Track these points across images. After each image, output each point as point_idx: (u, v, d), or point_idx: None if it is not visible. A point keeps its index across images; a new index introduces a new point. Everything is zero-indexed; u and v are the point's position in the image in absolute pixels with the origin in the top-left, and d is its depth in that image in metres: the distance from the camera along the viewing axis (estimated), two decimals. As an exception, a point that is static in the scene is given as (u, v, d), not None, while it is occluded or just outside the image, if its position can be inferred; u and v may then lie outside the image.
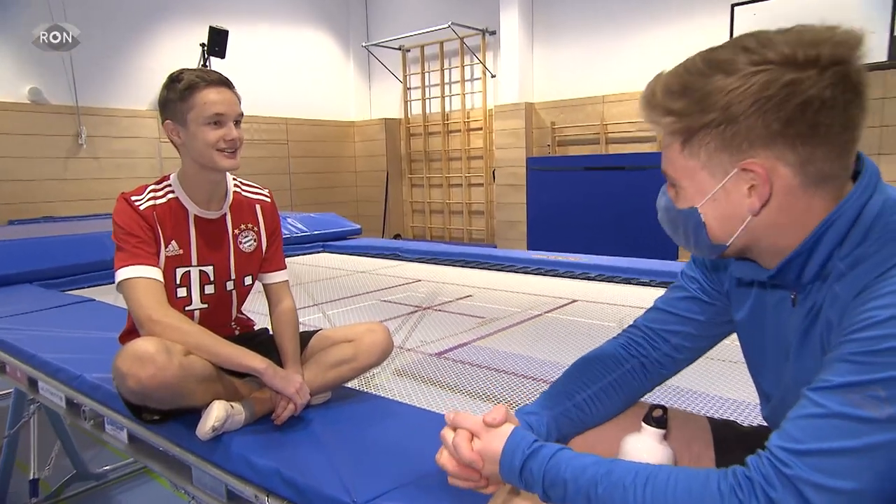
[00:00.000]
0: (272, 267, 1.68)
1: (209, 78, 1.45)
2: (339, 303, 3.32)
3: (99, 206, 6.69)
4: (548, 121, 7.39)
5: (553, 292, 3.43)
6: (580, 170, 6.71)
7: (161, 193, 1.51)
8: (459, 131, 8.45)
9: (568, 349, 2.37)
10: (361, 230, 5.90)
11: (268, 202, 1.69)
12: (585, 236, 6.64)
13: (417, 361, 2.26)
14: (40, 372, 2.02)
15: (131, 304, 1.40)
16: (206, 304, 1.57)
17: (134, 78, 6.98)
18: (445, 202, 8.74)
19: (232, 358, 1.38)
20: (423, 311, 3.08)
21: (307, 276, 4.19)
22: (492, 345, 2.45)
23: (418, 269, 4.39)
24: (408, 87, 9.02)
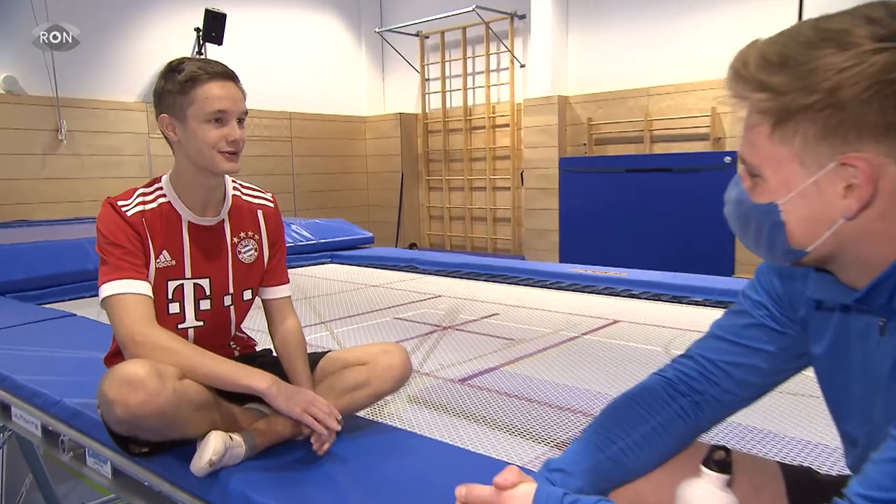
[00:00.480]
0: (274, 280, 1.68)
1: (213, 70, 1.46)
2: (348, 320, 3.33)
3: (80, 209, 6.80)
4: (584, 116, 7.38)
5: (591, 311, 3.41)
6: (621, 172, 6.68)
7: (151, 197, 1.52)
8: (483, 128, 8.46)
9: (609, 376, 2.34)
10: (374, 239, 5.92)
11: (271, 207, 1.69)
12: (626, 248, 6.59)
13: (436, 387, 2.25)
14: (13, 396, 2.04)
15: (114, 322, 1.41)
16: (201, 322, 1.58)
17: (121, 66, 7.11)
18: (467, 208, 8.74)
19: (231, 377, 1.37)
20: (443, 330, 3.09)
21: (313, 289, 4.21)
22: (521, 370, 2.43)
23: (437, 284, 4.40)
24: (426, 79, 9.07)
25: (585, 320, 3.23)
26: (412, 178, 9.32)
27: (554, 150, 7.38)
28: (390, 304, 3.72)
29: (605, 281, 3.98)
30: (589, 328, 3.07)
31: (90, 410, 1.72)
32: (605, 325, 3.13)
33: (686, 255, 6.13)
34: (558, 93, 7.41)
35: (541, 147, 7.51)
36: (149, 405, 1.25)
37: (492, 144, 8.41)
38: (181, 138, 1.48)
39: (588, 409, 2.03)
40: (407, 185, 9.23)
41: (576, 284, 4.06)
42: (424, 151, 9.18)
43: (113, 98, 7.04)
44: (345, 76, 9.27)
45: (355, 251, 5.55)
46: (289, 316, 1.68)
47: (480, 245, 8.71)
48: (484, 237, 8.62)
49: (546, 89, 7.45)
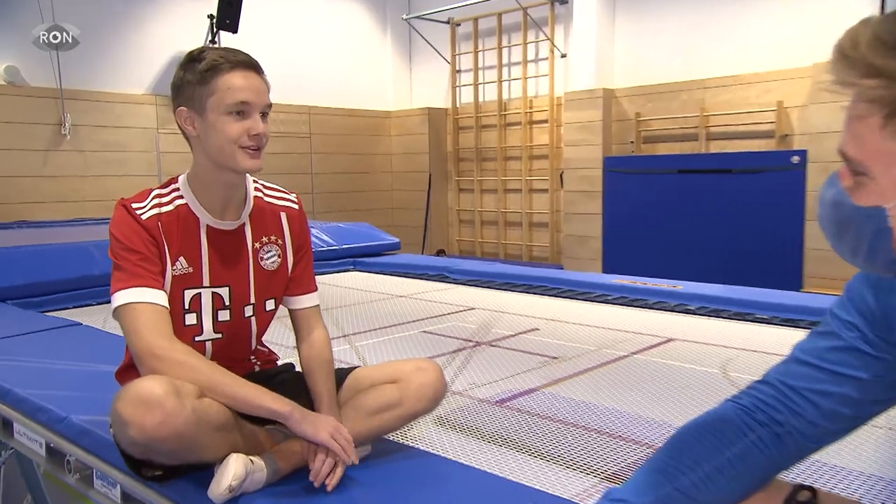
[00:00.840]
0: (301, 289, 1.70)
1: (235, 59, 1.48)
2: (372, 334, 3.34)
3: (83, 210, 6.95)
4: (631, 111, 7.33)
5: (641, 328, 3.37)
6: (673, 173, 6.62)
7: (167, 199, 1.55)
8: (520, 124, 8.46)
9: (662, 401, 2.31)
10: (400, 245, 5.94)
11: (295, 210, 1.71)
12: (678, 258, 6.52)
13: (466, 408, 2.25)
14: (16, 411, 2.08)
15: (129, 334, 1.43)
16: (219, 334, 1.59)
17: (129, 56, 7.27)
18: (500, 211, 8.73)
19: (251, 400, 1.39)
20: (475, 346, 3.08)
21: (334, 299, 4.23)
22: (564, 392, 2.41)
23: (469, 294, 4.39)
24: (457, 70, 9.10)
25: (635, 338, 3.19)
26: (441, 179, 9.33)
27: (597, 149, 7.34)
28: (418, 317, 3.72)
29: (656, 294, 3.93)
30: (639, 346, 3.03)
31: (99, 428, 1.75)
32: (657, 343, 3.10)
33: (747, 267, 6.04)
34: (603, 85, 7.37)
35: (583, 145, 7.47)
36: (166, 426, 1.26)
37: (528, 142, 8.40)
38: (200, 133, 1.50)
39: (640, 438, 2.00)
40: (435, 186, 9.25)
41: (623, 298, 4.02)
42: (454, 150, 9.19)
43: (120, 90, 7.19)
44: (368, 67, 9.34)
45: (380, 258, 5.57)
46: (315, 327, 1.69)
47: (515, 252, 8.68)
48: (519, 244, 8.60)
49: (589, 81, 7.41)
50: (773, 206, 6.02)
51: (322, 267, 5.14)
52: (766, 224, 6.02)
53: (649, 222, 6.82)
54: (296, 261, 1.70)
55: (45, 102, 6.74)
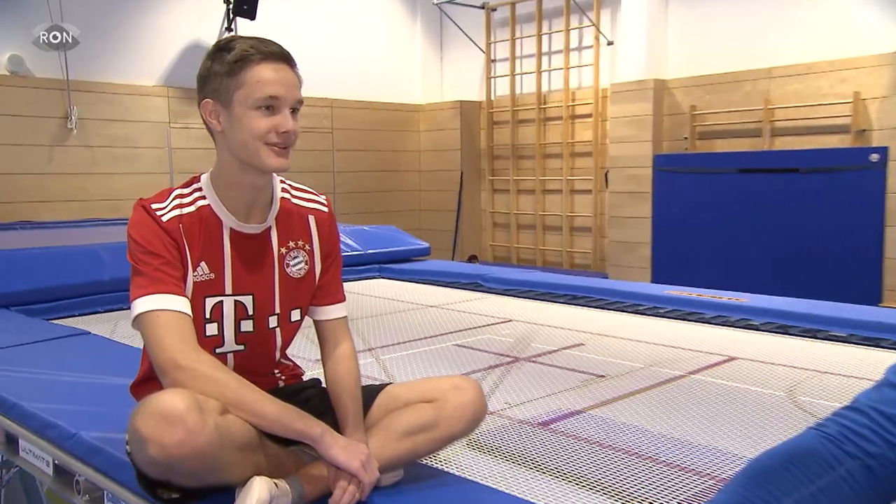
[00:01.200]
0: (328, 299, 1.71)
1: (267, 50, 1.50)
2: (398, 347, 3.35)
3: (90, 209, 7.08)
4: (686, 104, 7.27)
5: (698, 345, 3.34)
6: (732, 172, 6.54)
7: (189, 200, 1.57)
8: (560, 119, 8.44)
9: (724, 427, 2.28)
10: (430, 250, 5.96)
11: (324, 212, 1.73)
12: (738, 267, 6.44)
13: (504, 430, 2.24)
14: (22, 427, 2.11)
15: (152, 344, 1.45)
16: (241, 346, 1.61)
17: (139, 45, 7.40)
18: (538, 214, 8.71)
19: (280, 419, 1.41)
20: (513, 361, 3.08)
21: (358, 309, 4.26)
22: (613, 414, 2.40)
23: (506, 305, 4.39)
24: (492, 59, 9.10)
25: (691, 355, 3.16)
26: (473, 178, 9.34)
27: (647, 146, 7.29)
28: (449, 329, 3.73)
29: (715, 308, 3.89)
30: (696, 365, 3.00)
31: (111, 446, 1.77)
32: (716, 362, 3.06)
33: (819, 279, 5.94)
34: (654, 75, 7.32)
35: (631, 142, 7.42)
36: (188, 445, 1.28)
37: (570, 138, 8.37)
38: (225, 127, 1.53)
39: (699, 467, 1.97)
40: (467, 186, 9.25)
41: (677, 311, 3.99)
42: (489, 146, 9.19)
43: (130, 81, 7.33)
44: (396, 56, 9.39)
45: (408, 264, 5.59)
46: (343, 340, 1.70)
47: (554, 259, 8.65)
48: (558, 250, 8.57)
49: (639, 71, 7.37)
50: (848, 210, 5.92)
51: (345, 273, 5.14)
52: (839, 230, 5.92)
53: (705, 227, 6.75)
54: (324, 268, 1.71)
55: (50, 94, 6.89)
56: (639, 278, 7.12)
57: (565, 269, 8.30)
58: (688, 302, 4.03)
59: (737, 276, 6.22)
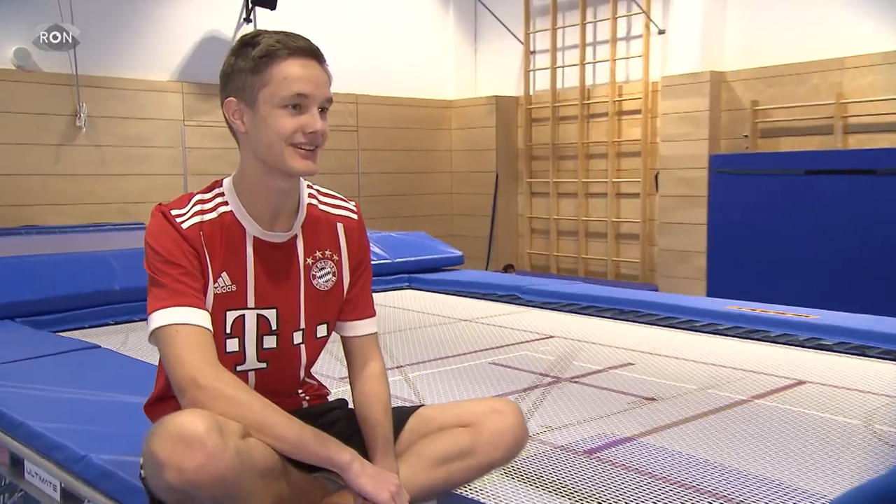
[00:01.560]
0: (357, 313, 1.73)
1: (294, 45, 1.52)
2: (428, 365, 3.36)
3: (100, 213, 7.21)
4: (746, 99, 7.19)
5: (762, 366, 3.30)
6: (799, 174, 6.46)
7: (210, 206, 1.59)
8: (606, 115, 8.40)
9: (792, 459, 2.24)
10: (463, 259, 5.96)
11: (354, 220, 1.74)
12: (806, 279, 6.34)
13: (544, 458, 2.24)
14: (28, 448, 2.15)
15: (170, 361, 1.47)
16: (264, 364, 1.63)
17: (152, 37, 7.52)
18: (581, 220, 8.67)
19: (306, 445, 1.42)
20: (553, 382, 3.07)
21: (386, 323, 4.27)
22: (666, 442, 2.37)
23: (546, 320, 4.38)
24: (531, 51, 9.10)
25: (753, 378, 3.12)
26: (510, 181, 9.33)
27: (703, 145, 7.24)
28: (484, 345, 3.72)
29: (781, 325, 3.84)
30: (760, 389, 2.96)
31: (123, 470, 1.80)
32: (783, 386, 3.02)
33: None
34: (711, 67, 7.27)
35: (684, 140, 7.37)
36: (207, 470, 1.29)
37: (616, 137, 8.33)
38: (249, 128, 1.55)
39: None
40: (503, 188, 9.25)
41: (737, 328, 3.94)
42: (527, 146, 9.18)
43: (142, 76, 7.45)
44: (426, 48, 9.43)
45: (439, 274, 5.60)
46: (373, 359, 1.72)
47: (598, 269, 8.60)
48: (603, 259, 8.52)
49: (694, 63, 7.32)
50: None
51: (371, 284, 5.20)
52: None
53: (767, 235, 6.66)
54: (353, 280, 1.72)
55: (58, 90, 7.03)
56: (692, 291, 7.05)
57: (610, 280, 8.25)
58: (750, 318, 3.97)
59: (803, 289, 6.12)
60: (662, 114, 7.61)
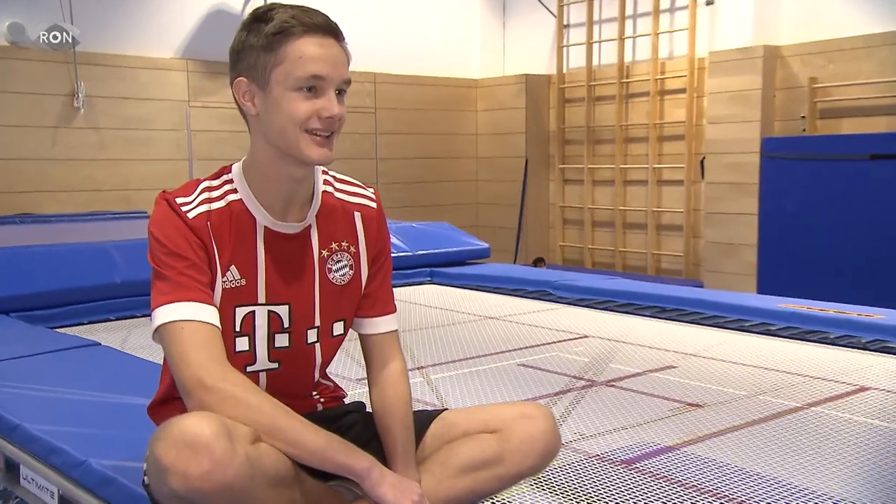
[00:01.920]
0: (376, 310, 1.73)
1: (310, 21, 1.52)
2: (452, 366, 3.38)
3: (100, 201, 7.28)
4: (804, 76, 7.11)
5: (820, 371, 3.29)
6: (863, 159, 6.39)
7: (218, 194, 1.60)
8: (647, 95, 8.36)
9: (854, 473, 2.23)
10: (489, 251, 5.97)
11: (372, 209, 1.75)
12: (869, 275, 6.28)
13: (576, 467, 2.24)
14: (24, 452, 2.18)
15: (175, 360, 1.48)
16: (276, 364, 1.64)
17: (155, 11, 7.57)
18: (618, 209, 8.64)
19: (321, 451, 1.43)
20: (588, 385, 3.07)
21: (406, 320, 4.30)
22: (711, 453, 2.37)
23: (579, 318, 4.39)
24: (565, 25, 9.06)
25: (811, 384, 3.11)
26: (540, 166, 9.31)
27: (754, 127, 7.18)
28: (512, 345, 3.74)
29: (842, 325, 3.82)
30: (817, 396, 2.95)
31: (124, 476, 1.83)
32: (843, 392, 3.01)
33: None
34: (765, 41, 7.20)
35: (733, 122, 7.32)
36: (214, 477, 1.30)
37: (658, 119, 8.29)
38: (260, 111, 1.55)
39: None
40: (532, 175, 9.23)
41: (791, 328, 3.92)
42: (559, 129, 9.16)
43: (144, 53, 7.50)
44: (450, 23, 9.43)
45: (463, 268, 5.62)
46: (393, 358, 1.72)
47: (636, 263, 8.57)
48: (642, 252, 8.49)
49: (745, 37, 7.26)
50: None
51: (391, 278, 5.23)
52: None
53: (826, 226, 6.60)
54: (371, 273, 1.73)
55: (54, 68, 7.09)
56: (741, 288, 7.00)
57: (650, 275, 8.21)
58: (805, 318, 3.95)
59: (865, 286, 6.06)
60: (710, 93, 7.55)
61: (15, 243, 4.48)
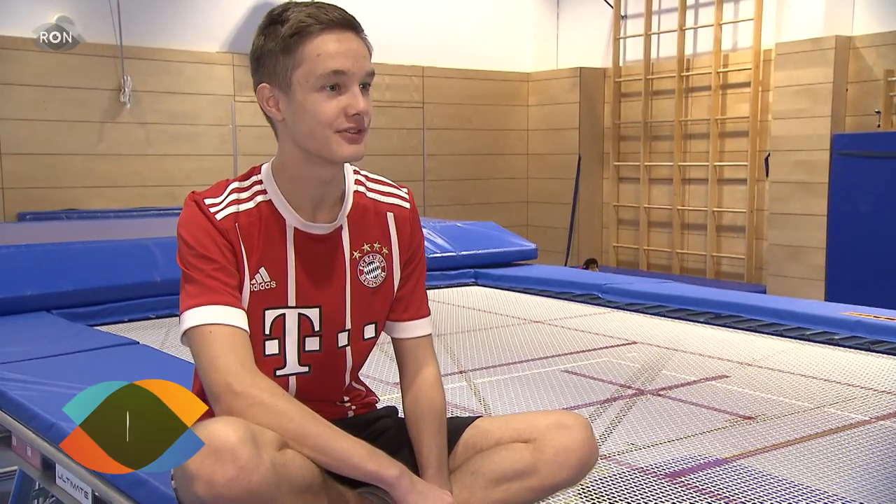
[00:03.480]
0: (409, 313, 1.75)
1: (326, 17, 1.53)
2: (495, 371, 3.38)
3: (144, 196, 7.44)
4: (879, 68, 6.98)
5: (888, 384, 3.22)
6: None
7: (247, 195, 1.63)
8: (708, 89, 8.27)
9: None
10: (537, 252, 5.96)
11: (406, 209, 1.76)
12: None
13: (621, 480, 2.23)
14: (60, 451, 2.22)
15: (203, 364, 1.51)
16: (306, 368, 1.66)
17: (201, 5, 7.73)
18: (676, 209, 8.57)
19: (350, 458, 1.45)
20: (636, 394, 3.05)
21: (449, 323, 4.32)
22: (767, 467, 2.34)
23: (630, 323, 4.37)
24: (622, 16, 9.01)
25: (878, 397, 3.05)
26: (594, 164, 9.27)
27: (824, 123, 7.08)
28: (558, 350, 3.73)
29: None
30: (886, 410, 2.89)
31: (157, 478, 1.87)
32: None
33: None
34: (836, 31, 7.09)
35: (802, 118, 7.22)
36: (239, 483, 1.33)
37: (720, 114, 8.21)
38: (286, 115, 1.58)
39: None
40: (586, 173, 9.20)
41: (859, 339, 3.84)
42: (614, 124, 9.12)
43: (190, 47, 7.65)
44: (501, 14, 9.44)
45: (510, 269, 5.60)
46: (427, 364, 1.74)
47: (695, 266, 8.49)
48: (702, 254, 8.41)
49: (815, 27, 7.17)
50: None
51: (434, 280, 5.25)
52: None
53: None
54: (404, 276, 1.75)
55: (101, 62, 7.27)
56: (807, 294, 6.91)
57: (709, 278, 8.15)
58: (871, 327, 3.87)
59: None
60: (776, 87, 7.47)
61: (58, 240, 4.59)
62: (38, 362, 2.94)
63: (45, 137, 7.10)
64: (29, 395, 2.51)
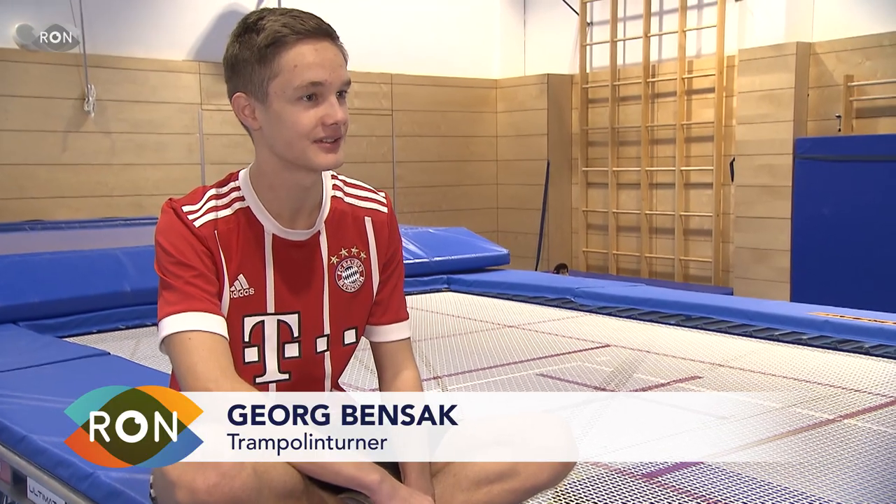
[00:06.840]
0: (388, 317, 1.75)
1: (302, 26, 1.53)
2: (469, 376, 3.39)
3: (110, 207, 7.35)
4: (839, 74, 7.07)
5: (854, 382, 3.27)
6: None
7: (225, 201, 1.62)
8: (674, 95, 8.34)
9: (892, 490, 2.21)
10: (509, 258, 5.98)
11: (383, 213, 1.76)
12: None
13: (597, 482, 2.24)
14: (31, 464, 2.21)
15: (182, 372, 1.50)
16: (286, 375, 1.66)
17: (166, 12, 7.64)
18: (644, 214, 8.62)
19: (330, 463, 1.44)
20: (610, 395, 3.09)
21: (422, 329, 4.32)
22: (739, 467, 2.36)
23: (602, 326, 4.39)
24: (588, 23, 9.05)
25: (845, 395, 3.10)
26: (563, 170, 9.30)
27: (787, 127, 7.15)
28: (532, 355, 3.74)
29: (877, 335, 3.80)
30: (852, 408, 2.93)
31: (132, 488, 1.85)
32: (880, 404, 2.99)
33: None
34: (798, 38, 7.17)
35: (765, 122, 7.29)
36: (221, 490, 1.33)
37: (685, 120, 8.27)
38: (263, 124, 1.57)
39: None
40: (555, 178, 9.23)
41: (825, 338, 3.91)
42: (582, 130, 9.15)
43: (156, 55, 7.57)
44: (468, 21, 9.45)
45: (482, 275, 5.62)
46: (406, 367, 1.74)
47: (664, 270, 8.54)
48: (670, 258, 8.46)
49: (777, 33, 7.24)
50: None
51: (407, 286, 5.18)
52: None
53: (862, 231, 6.56)
54: (382, 280, 1.75)
55: (64, 71, 7.16)
56: (774, 295, 6.97)
57: (678, 282, 8.19)
58: (839, 327, 3.94)
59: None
60: (739, 92, 7.52)
61: (25, 251, 4.52)
62: (6, 375, 2.91)
63: (8, 147, 6.98)
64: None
